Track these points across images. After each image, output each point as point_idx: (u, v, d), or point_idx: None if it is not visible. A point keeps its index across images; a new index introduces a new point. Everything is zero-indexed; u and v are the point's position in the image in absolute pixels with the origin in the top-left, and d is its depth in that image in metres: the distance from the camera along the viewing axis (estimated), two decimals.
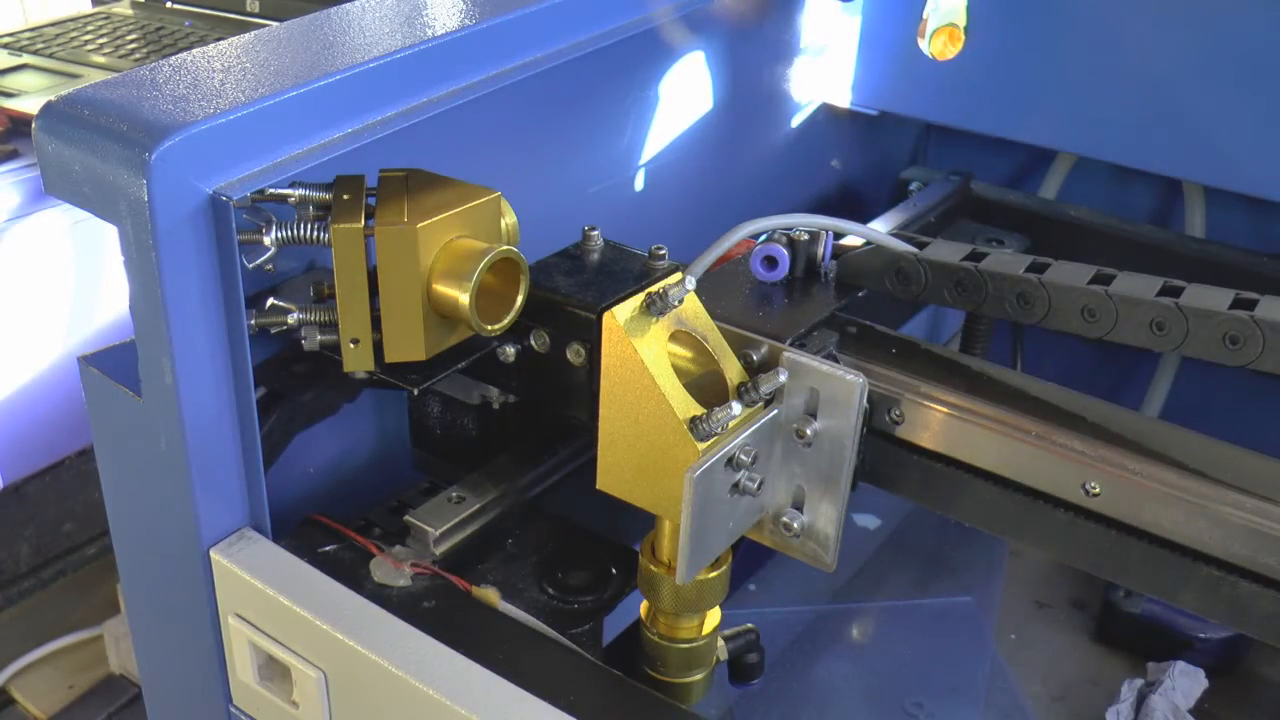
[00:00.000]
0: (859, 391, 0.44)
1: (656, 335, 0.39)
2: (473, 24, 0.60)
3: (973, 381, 0.51)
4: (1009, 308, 0.51)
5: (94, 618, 1.40)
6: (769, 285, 0.55)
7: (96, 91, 0.52)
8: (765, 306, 0.53)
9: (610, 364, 0.38)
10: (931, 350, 0.54)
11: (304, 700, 0.53)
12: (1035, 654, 0.82)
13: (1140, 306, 0.48)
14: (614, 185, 0.75)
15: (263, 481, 0.55)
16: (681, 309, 0.40)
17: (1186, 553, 0.45)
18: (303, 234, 0.53)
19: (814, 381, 0.44)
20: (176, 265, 0.48)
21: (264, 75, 0.53)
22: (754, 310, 0.53)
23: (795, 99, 0.88)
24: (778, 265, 0.55)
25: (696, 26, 0.76)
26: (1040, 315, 0.50)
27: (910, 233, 0.55)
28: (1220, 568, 0.45)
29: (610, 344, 0.38)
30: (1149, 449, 0.46)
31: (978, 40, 0.73)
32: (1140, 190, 0.90)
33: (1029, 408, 0.49)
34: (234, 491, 0.54)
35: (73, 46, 1.47)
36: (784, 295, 0.55)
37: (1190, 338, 0.47)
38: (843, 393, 0.44)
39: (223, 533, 0.54)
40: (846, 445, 0.44)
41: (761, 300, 0.54)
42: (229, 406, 0.52)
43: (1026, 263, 0.51)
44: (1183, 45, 0.76)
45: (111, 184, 0.48)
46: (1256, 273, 0.76)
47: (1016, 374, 0.52)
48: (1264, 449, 0.47)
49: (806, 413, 0.45)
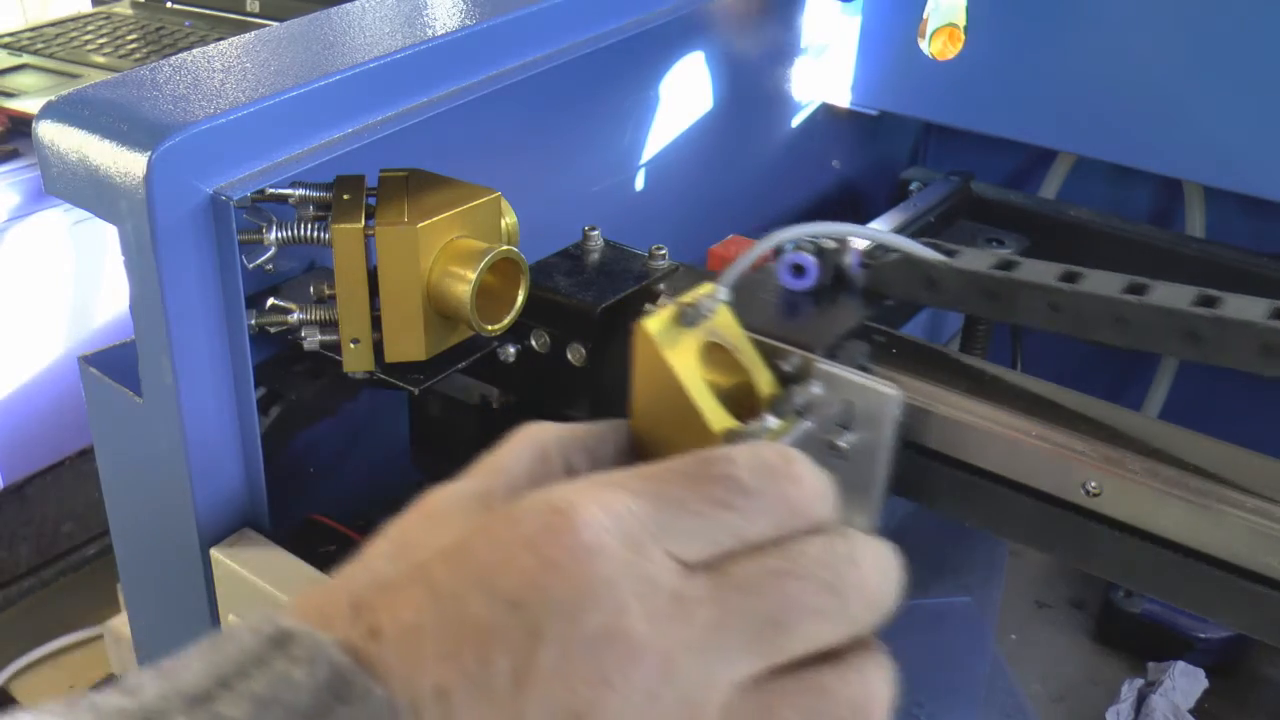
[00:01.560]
0: (895, 404, 0.43)
1: (689, 347, 0.38)
2: (473, 24, 0.60)
3: (1011, 394, 0.50)
4: (1040, 318, 0.50)
5: (94, 618, 1.40)
6: (796, 294, 0.53)
7: (96, 91, 0.52)
8: (793, 316, 0.52)
9: (642, 376, 0.37)
10: (963, 361, 0.53)
11: None
12: (1035, 654, 0.82)
13: (1174, 316, 0.47)
14: (614, 185, 0.76)
15: (263, 481, 0.55)
16: (713, 319, 0.40)
17: (1188, 553, 0.45)
18: (303, 234, 0.53)
19: (848, 393, 0.43)
20: (176, 265, 0.48)
21: (264, 75, 0.53)
22: (782, 320, 0.51)
23: (795, 99, 0.88)
24: (806, 274, 0.53)
25: (696, 26, 0.76)
26: (1071, 325, 0.49)
27: (939, 240, 0.53)
28: (1221, 568, 0.45)
29: (642, 356, 0.37)
30: (1150, 447, 0.46)
31: (978, 40, 0.73)
32: (1140, 190, 0.90)
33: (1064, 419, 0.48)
34: (234, 491, 0.54)
35: (73, 46, 1.47)
36: (812, 304, 0.53)
37: (1226, 348, 0.46)
38: (878, 405, 0.43)
39: (223, 533, 0.54)
40: (880, 458, 0.43)
41: (789, 309, 0.52)
42: (229, 406, 0.52)
43: (1059, 272, 0.50)
44: (1183, 45, 0.76)
45: (111, 184, 0.48)
46: (1256, 273, 0.75)
47: (1059, 388, 0.51)
48: (1264, 449, 0.47)
49: (840, 425, 0.44)
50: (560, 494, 0.28)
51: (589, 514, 0.27)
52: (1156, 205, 0.90)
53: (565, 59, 0.64)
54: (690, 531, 0.28)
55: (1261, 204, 0.78)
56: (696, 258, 0.65)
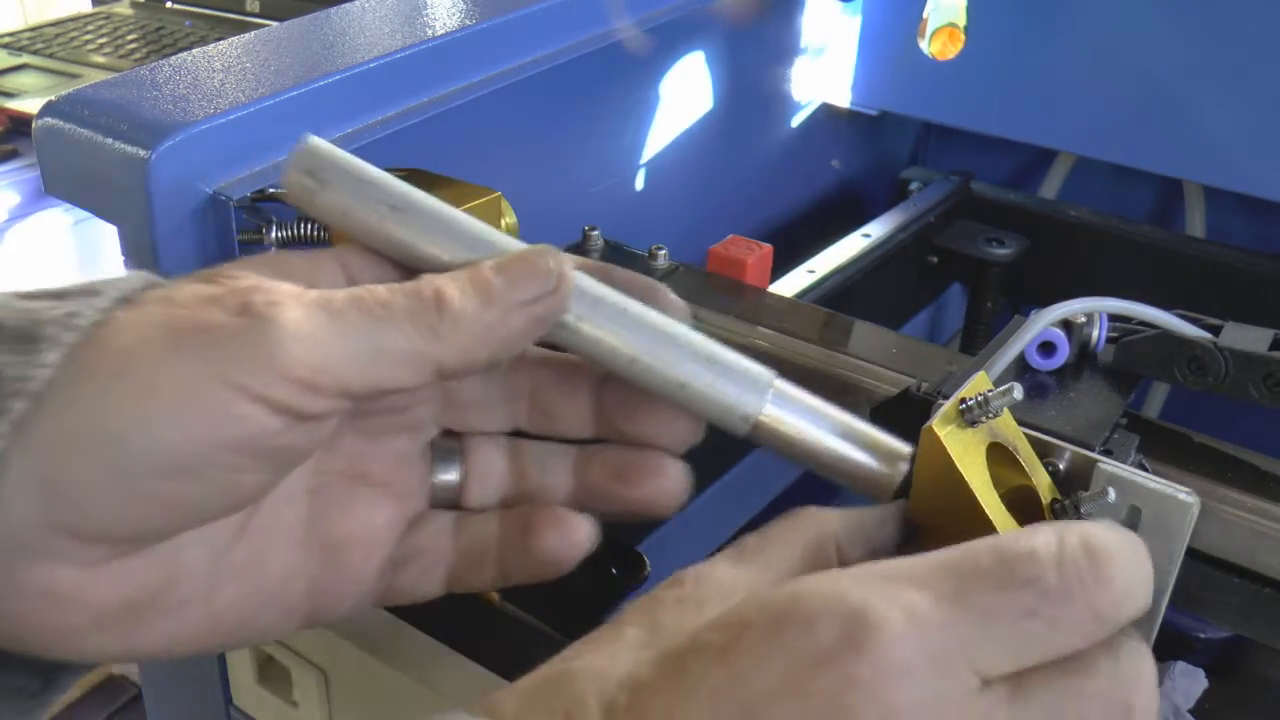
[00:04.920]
0: (1192, 513, 0.38)
1: (976, 451, 0.35)
2: (473, 24, 0.60)
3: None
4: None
5: None
6: (1042, 375, 0.48)
7: (96, 91, 0.52)
8: (1045, 401, 0.47)
9: (926, 471, 0.34)
10: (1232, 453, 0.48)
11: (304, 700, 0.53)
12: None
13: None
14: (614, 185, 0.75)
15: None
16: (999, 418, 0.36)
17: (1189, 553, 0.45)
18: (303, 234, 0.53)
19: (1138, 499, 0.38)
20: (176, 265, 0.48)
21: (264, 75, 0.53)
22: (1036, 406, 0.46)
23: (795, 99, 0.88)
24: (1056, 352, 0.48)
25: (696, 26, 0.76)
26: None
27: (1198, 314, 0.48)
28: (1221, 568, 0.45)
29: (929, 461, 0.34)
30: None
31: (978, 40, 0.73)
32: (1140, 190, 0.90)
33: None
34: None
35: (73, 46, 1.47)
36: (1058, 386, 0.48)
37: None
38: (1173, 513, 0.38)
39: None
40: (1169, 569, 0.38)
41: (1038, 393, 0.47)
42: None
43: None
44: (1183, 45, 0.76)
45: (111, 184, 0.48)
46: (1256, 273, 0.76)
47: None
48: (1264, 449, 0.47)
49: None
50: (859, 596, 0.25)
51: (895, 625, 0.25)
52: (1156, 205, 0.90)
53: (565, 59, 0.64)
54: (995, 645, 0.26)
55: (1261, 204, 0.78)
56: (696, 258, 0.65)
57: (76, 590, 0.30)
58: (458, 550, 0.38)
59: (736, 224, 0.77)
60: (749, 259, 0.62)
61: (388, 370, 0.31)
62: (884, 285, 0.77)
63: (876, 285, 0.75)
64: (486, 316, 0.32)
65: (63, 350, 0.29)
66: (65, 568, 0.30)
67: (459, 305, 0.32)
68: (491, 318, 0.32)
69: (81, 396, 0.29)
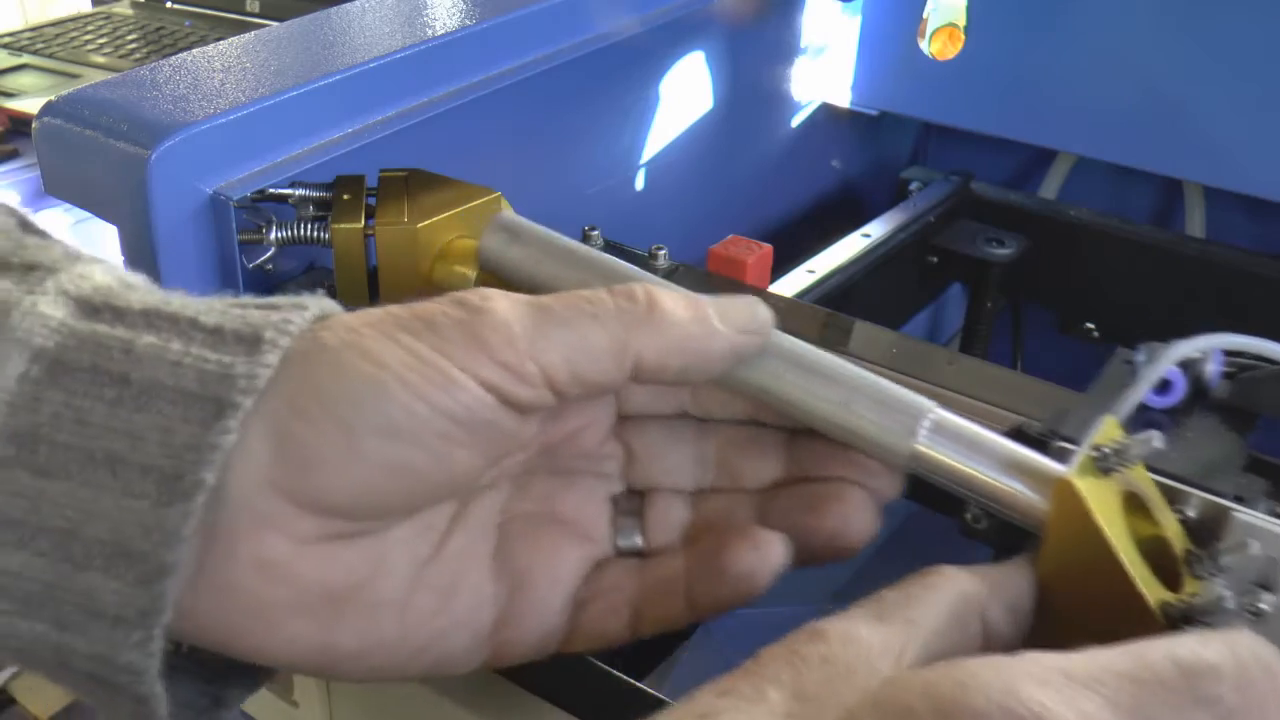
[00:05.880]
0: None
1: (1112, 503, 0.33)
2: (473, 24, 0.60)
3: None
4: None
5: None
6: (1155, 414, 0.45)
7: (96, 91, 0.52)
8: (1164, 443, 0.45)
9: (1060, 536, 0.33)
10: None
11: (304, 700, 0.53)
12: None
13: None
14: (614, 185, 0.75)
15: None
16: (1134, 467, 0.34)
17: None
18: (303, 234, 0.53)
19: (1276, 549, 0.37)
20: (176, 265, 0.48)
21: (264, 75, 0.53)
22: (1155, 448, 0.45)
23: (795, 99, 0.88)
24: (1172, 390, 0.45)
25: (696, 26, 0.76)
26: None
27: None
28: None
29: (1064, 513, 0.33)
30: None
31: (978, 40, 0.73)
32: (1140, 190, 0.90)
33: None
34: None
35: (73, 46, 1.47)
36: (1173, 425, 0.45)
37: None
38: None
39: None
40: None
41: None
42: None
43: None
44: (1183, 45, 0.76)
45: (111, 184, 0.48)
46: (1256, 273, 0.76)
47: None
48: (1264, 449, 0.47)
49: (1257, 583, 0.37)
50: (1034, 696, 0.24)
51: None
52: (1156, 205, 0.90)
53: (565, 59, 0.64)
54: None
55: (1261, 204, 0.78)
56: (696, 258, 0.65)
57: (286, 562, 0.31)
58: (643, 587, 0.37)
59: (736, 224, 0.77)
60: (749, 259, 0.62)
61: (591, 361, 0.33)
62: (884, 285, 0.77)
63: (876, 285, 0.75)
64: (693, 328, 0.34)
65: (280, 353, 0.31)
66: (280, 538, 0.31)
67: (669, 307, 0.34)
68: (698, 330, 0.34)
69: (317, 367, 0.31)
